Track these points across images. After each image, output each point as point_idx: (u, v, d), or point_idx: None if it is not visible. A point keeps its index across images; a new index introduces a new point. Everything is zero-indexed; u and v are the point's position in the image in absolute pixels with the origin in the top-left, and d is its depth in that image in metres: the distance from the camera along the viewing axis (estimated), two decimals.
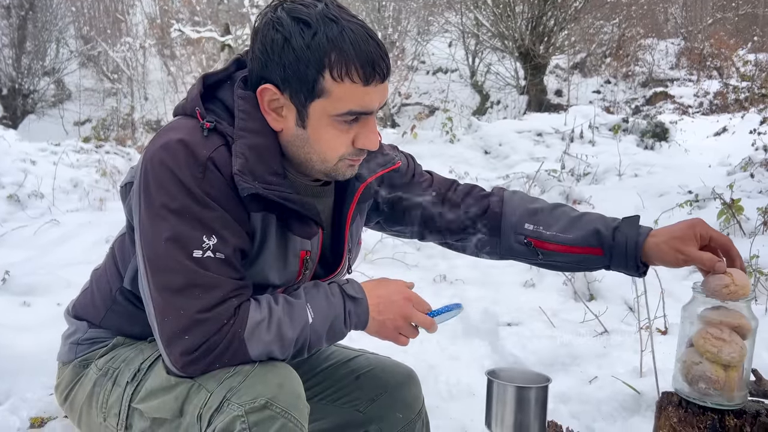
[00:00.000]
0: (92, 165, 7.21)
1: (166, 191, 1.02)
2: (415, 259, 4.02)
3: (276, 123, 1.10)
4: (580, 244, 1.24)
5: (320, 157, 1.11)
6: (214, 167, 1.03)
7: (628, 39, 14.85)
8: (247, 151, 1.05)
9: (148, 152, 1.06)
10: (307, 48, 1.02)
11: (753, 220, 3.82)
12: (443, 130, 7.46)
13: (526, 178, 5.62)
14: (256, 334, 1.02)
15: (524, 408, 1.14)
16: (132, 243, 1.16)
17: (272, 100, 1.08)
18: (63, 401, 1.26)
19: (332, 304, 1.09)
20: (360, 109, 1.07)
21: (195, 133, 1.05)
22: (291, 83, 1.05)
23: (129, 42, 13.92)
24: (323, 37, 1.02)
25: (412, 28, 15.43)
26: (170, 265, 1.01)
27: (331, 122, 1.07)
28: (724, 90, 12.63)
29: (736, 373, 1.19)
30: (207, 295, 1.01)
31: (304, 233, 1.13)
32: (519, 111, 12.43)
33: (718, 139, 8.75)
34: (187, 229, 1.01)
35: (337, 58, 1.02)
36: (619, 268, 1.24)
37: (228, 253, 1.04)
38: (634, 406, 2.11)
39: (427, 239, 1.40)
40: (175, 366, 1.03)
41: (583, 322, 2.75)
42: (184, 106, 1.13)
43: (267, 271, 1.13)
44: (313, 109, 1.07)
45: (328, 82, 1.04)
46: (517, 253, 1.32)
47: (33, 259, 3.89)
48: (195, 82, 1.15)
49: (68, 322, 1.30)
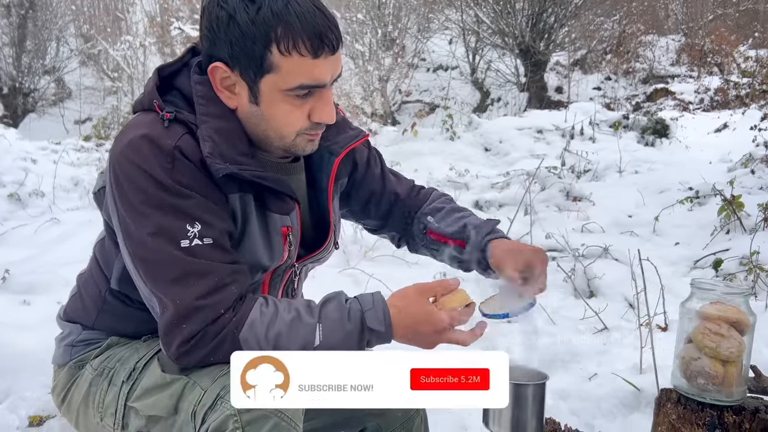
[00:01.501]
0: (93, 163, 7.22)
1: (139, 189, 1.02)
2: (415, 257, 4.01)
3: (230, 101, 1.09)
4: (453, 237, 1.32)
5: (277, 133, 1.10)
6: (182, 155, 1.03)
7: (629, 35, 14.82)
8: (213, 134, 1.05)
9: (114, 153, 1.06)
10: (252, 23, 1.01)
11: (753, 217, 3.82)
12: (443, 128, 7.46)
13: (527, 175, 5.61)
14: (251, 338, 1.01)
15: (521, 405, 1.14)
16: (114, 245, 1.16)
17: (223, 78, 1.07)
18: (60, 403, 1.26)
19: (348, 333, 1.04)
20: (311, 83, 1.05)
21: (156, 126, 1.05)
22: (239, 60, 1.04)
23: (129, 40, 13.90)
24: (268, 11, 1.01)
25: (413, 26, 15.40)
26: (161, 258, 1.01)
27: (284, 97, 1.06)
28: (724, 86, 12.60)
29: (734, 368, 1.19)
30: (202, 281, 1.00)
31: (281, 209, 1.13)
32: (519, 108, 12.42)
33: (718, 136, 8.74)
34: (169, 221, 1.01)
35: (283, 31, 1.01)
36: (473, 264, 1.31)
37: (215, 237, 1.03)
38: (633, 403, 2.11)
39: (381, 233, 1.47)
40: (171, 356, 1.03)
41: (583, 319, 2.75)
42: (142, 101, 1.12)
43: (255, 251, 1.13)
44: (264, 85, 1.06)
45: (276, 56, 1.02)
46: (420, 243, 1.39)
47: (33, 257, 3.89)
48: (150, 75, 1.14)
49: (61, 326, 1.30)
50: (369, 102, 12.35)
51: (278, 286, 1.24)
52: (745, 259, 3.23)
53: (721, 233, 3.90)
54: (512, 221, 4.13)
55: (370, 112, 11.90)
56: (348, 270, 3.61)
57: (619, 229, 4.45)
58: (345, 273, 3.57)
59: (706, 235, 3.96)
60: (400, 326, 1.06)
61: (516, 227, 4.10)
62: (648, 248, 3.72)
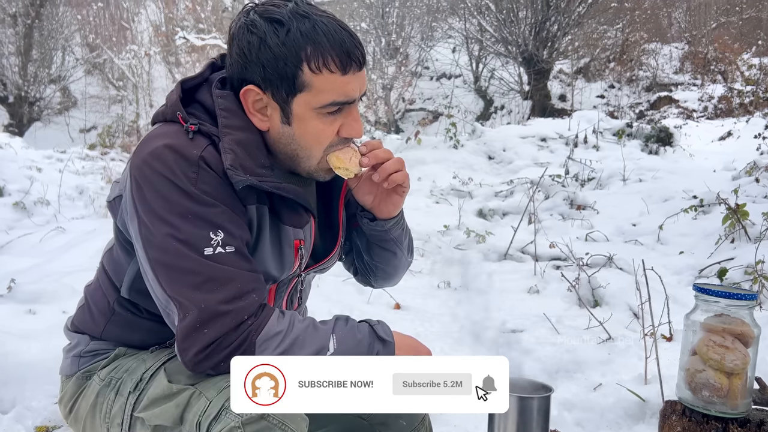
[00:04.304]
0: (98, 172, 7.26)
1: (163, 196, 1.03)
2: (419, 266, 4.02)
3: (262, 123, 1.12)
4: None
5: (306, 152, 1.13)
6: (206, 165, 1.05)
7: (632, 43, 14.86)
8: (235, 147, 1.07)
9: (136, 162, 1.07)
10: (282, 45, 1.05)
11: (758, 225, 3.81)
12: (447, 136, 7.47)
13: (530, 183, 5.62)
14: (267, 344, 1.03)
15: (526, 418, 1.14)
16: (125, 254, 1.17)
17: (256, 101, 1.10)
18: (67, 414, 1.27)
19: (359, 342, 1.08)
20: (342, 99, 1.09)
21: (180, 137, 1.07)
22: (272, 81, 1.08)
23: (134, 50, 13.99)
24: (297, 32, 1.05)
25: (416, 34, 15.47)
26: (184, 265, 1.02)
27: (316, 115, 1.10)
28: (728, 94, 12.61)
29: (739, 380, 1.18)
30: (225, 288, 1.02)
31: (296, 222, 1.15)
32: (523, 116, 12.45)
33: (722, 144, 8.74)
34: (193, 230, 1.02)
35: (312, 50, 1.05)
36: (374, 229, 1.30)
37: (237, 245, 1.05)
38: (638, 414, 2.10)
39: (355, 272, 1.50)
40: (188, 362, 1.03)
41: (588, 329, 2.74)
42: (164, 113, 1.14)
43: (265, 263, 1.14)
44: (297, 104, 1.09)
45: (307, 75, 1.06)
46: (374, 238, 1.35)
47: (38, 266, 3.90)
48: (173, 88, 1.16)
49: (69, 337, 1.30)
50: (373, 110, 12.39)
51: (283, 294, 1.26)
52: (750, 268, 3.22)
53: (725, 242, 3.89)
54: (516, 230, 4.13)
55: (373, 121, 11.93)
56: (352, 279, 3.60)
57: (624, 237, 4.45)
58: (349, 282, 3.57)
59: (711, 243, 3.96)
60: (402, 342, 1.13)
61: (520, 236, 4.11)
62: (652, 257, 3.72)
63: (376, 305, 3.27)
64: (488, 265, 3.84)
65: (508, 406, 1.14)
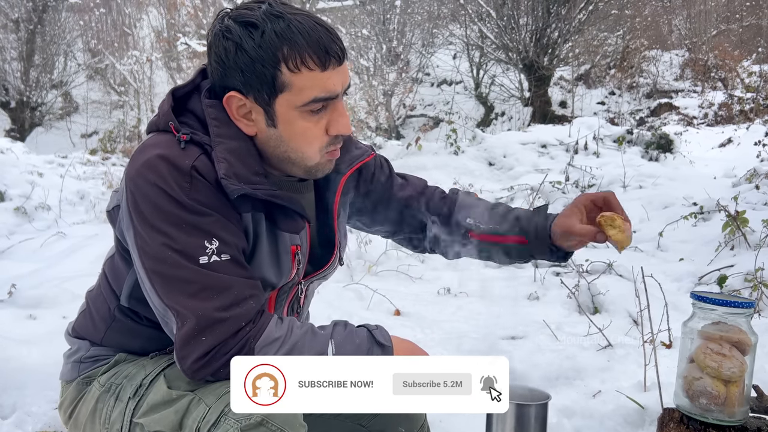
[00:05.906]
0: (99, 177, 7.28)
1: (157, 207, 1.04)
2: (419, 272, 4.03)
3: (248, 128, 1.12)
4: (508, 233, 1.32)
5: (298, 154, 1.13)
6: (199, 175, 1.05)
7: (633, 50, 14.90)
8: (228, 156, 1.08)
9: (130, 173, 1.08)
10: (258, 47, 1.05)
11: (758, 233, 3.81)
12: (447, 142, 7.48)
13: (531, 189, 5.63)
14: (266, 350, 1.03)
15: (524, 425, 1.14)
16: (124, 262, 1.18)
17: (239, 107, 1.10)
18: (67, 419, 1.27)
19: (358, 346, 1.09)
20: (324, 95, 1.08)
21: (173, 147, 1.07)
22: (252, 85, 1.07)
23: (136, 55, 14.04)
24: (272, 33, 1.05)
25: (417, 41, 15.52)
26: (179, 274, 1.03)
27: (300, 114, 1.09)
28: (728, 101, 12.64)
29: (736, 388, 1.19)
30: (221, 296, 1.02)
31: (292, 228, 1.15)
32: (523, 122, 12.46)
33: (723, 151, 8.75)
34: (187, 239, 1.03)
35: (289, 50, 1.05)
36: (542, 256, 1.32)
37: (232, 253, 1.06)
38: (638, 421, 2.10)
39: (395, 237, 1.47)
40: (187, 370, 1.04)
41: (587, 336, 2.74)
42: (157, 123, 1.15)
43: (263, 270, 1.15)
44: (279, 105, 1.08)
45: (286, 75, 1.06)
46: (460, 246, 1.39)
47: (39, 271, 3.91)
48: (164, 97, 1.17)
49: (69, 343, 1.31)
50: (373, 116, 12.41)
51: (284, 302, 1.26)
52: (749, 275, 3.22)
53: (725, 249, 3.89)
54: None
55: (374, 127, 11.95)
56: (352, 285, 3.62)
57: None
58: (349, 288, 3.58)
59: (711, 250, 3.96)
60: (400, 346, 1.13)
61: None
62: (652, 264, 3.72)
63: (376, 311, 3.27)
64: (488, 271, 3.85)
65: (506, 414, 1.15)
